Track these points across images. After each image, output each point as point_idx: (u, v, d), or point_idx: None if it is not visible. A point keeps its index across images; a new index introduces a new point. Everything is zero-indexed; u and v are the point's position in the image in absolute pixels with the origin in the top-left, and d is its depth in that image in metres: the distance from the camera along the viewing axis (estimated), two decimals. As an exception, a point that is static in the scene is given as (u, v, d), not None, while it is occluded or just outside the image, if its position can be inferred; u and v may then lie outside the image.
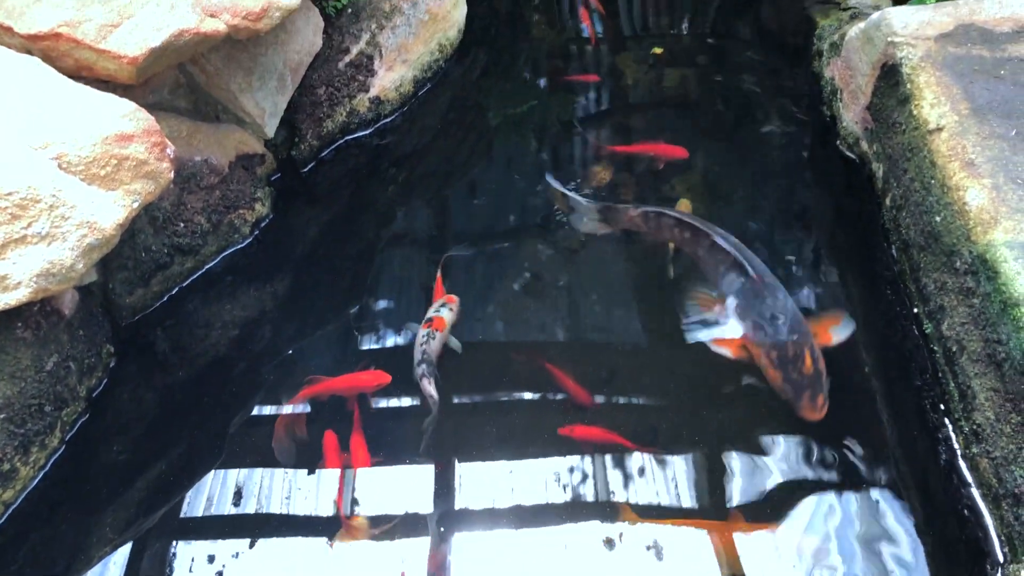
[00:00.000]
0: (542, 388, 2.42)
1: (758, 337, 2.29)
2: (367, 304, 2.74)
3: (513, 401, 2.45)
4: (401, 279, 2.83)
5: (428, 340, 2.39)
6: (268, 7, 2.38)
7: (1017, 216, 2.03)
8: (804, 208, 2.93)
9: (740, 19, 3.68)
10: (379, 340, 2.64)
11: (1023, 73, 2.33)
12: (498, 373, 2.48)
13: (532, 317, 2.63)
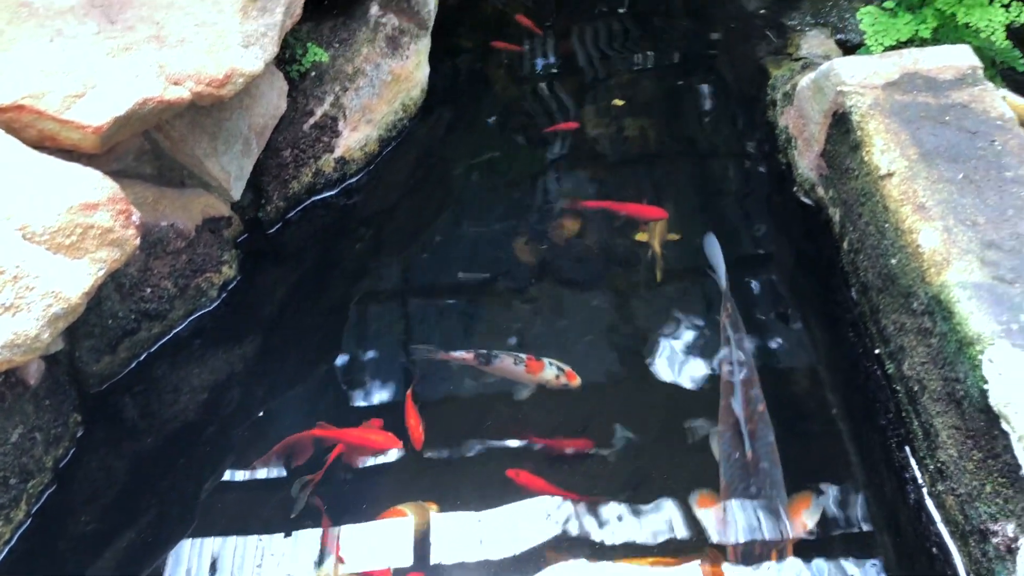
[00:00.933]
0: (514, 440, 2.45)
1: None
2: (337, 362, 2.74)
3: (484, 453, 2.46)
4: (371, 336, 2.84)
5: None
6: (231, 73, 2.41)
7: (968, 257, 2.09)
8: (766, 254, 2.99)
9: (697, 70, 3.76)
10: (351, 397, 2.65)
11: (966, 118, 2.41)
12: (472, 428, 2.50)
13: None
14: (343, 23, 3.08)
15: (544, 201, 3.25)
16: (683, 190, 3.23)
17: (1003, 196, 2.21)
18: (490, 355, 2.59)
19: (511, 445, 2.46)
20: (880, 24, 3.02)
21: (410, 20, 3.24)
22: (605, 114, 3.58)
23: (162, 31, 2.45)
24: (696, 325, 2.76)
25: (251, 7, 2.54)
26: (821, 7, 3.48)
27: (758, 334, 2.69)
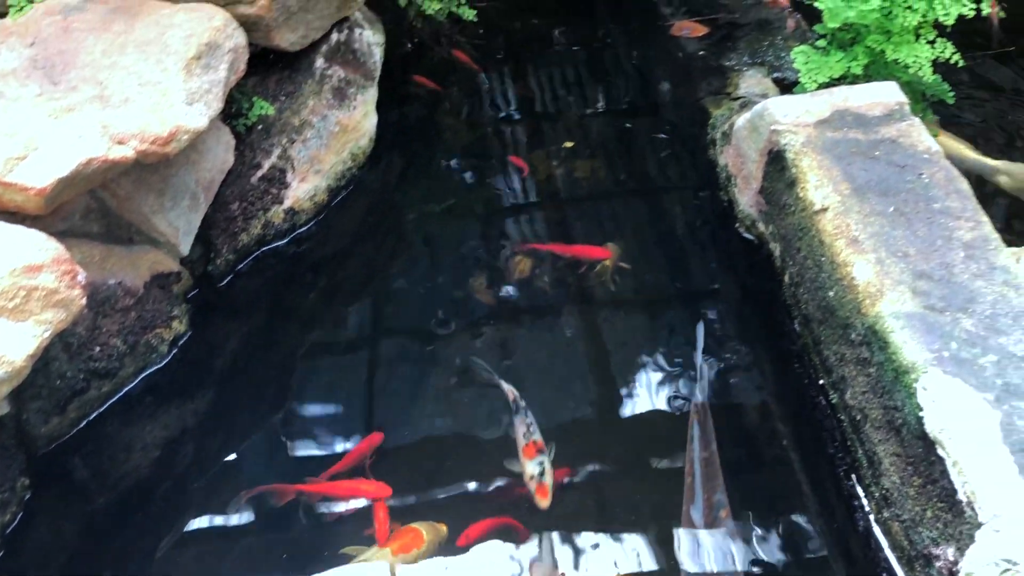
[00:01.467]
0: (480, 482, 2.48)
1: None
2: (293, 412, 2.74)
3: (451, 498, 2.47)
4: (327, 384, 2.85)
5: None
6: (176, 131, 2.43)
7: (900, 288, 2.15)
8: (713, 288, 3.05)
9: (643, 111, 3.85)
10: (308, 447, 2.65)
11: (895, 153, 2.50)
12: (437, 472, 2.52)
13: (469, 410, 2.70)
14: (289, 76, 3.11)
15: (499, 242, 3.29)
16: (632, 228, 3.29)
17: (931, 227, 2.29)
18: (521, 408, 2.58)
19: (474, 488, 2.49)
20: (813, 62, 3.11)
21: (356, 71, 3.29)
22: (556, 156, 3.65)
23: (105, 91, 2.47)
24: (655, 357, 2.81)
25: (195, 65, 2.57)
26: (758, 47, 3.59)
27: (709, 367, 2.75)
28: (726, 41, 3.65)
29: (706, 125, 3.33)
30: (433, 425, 2.68)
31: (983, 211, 2.34)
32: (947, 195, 2.37)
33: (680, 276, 3.09)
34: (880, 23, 3.06)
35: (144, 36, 2.64)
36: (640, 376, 2.76)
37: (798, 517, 2.38)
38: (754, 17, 3.77)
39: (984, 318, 2.08)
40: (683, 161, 3.52)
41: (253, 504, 2.43)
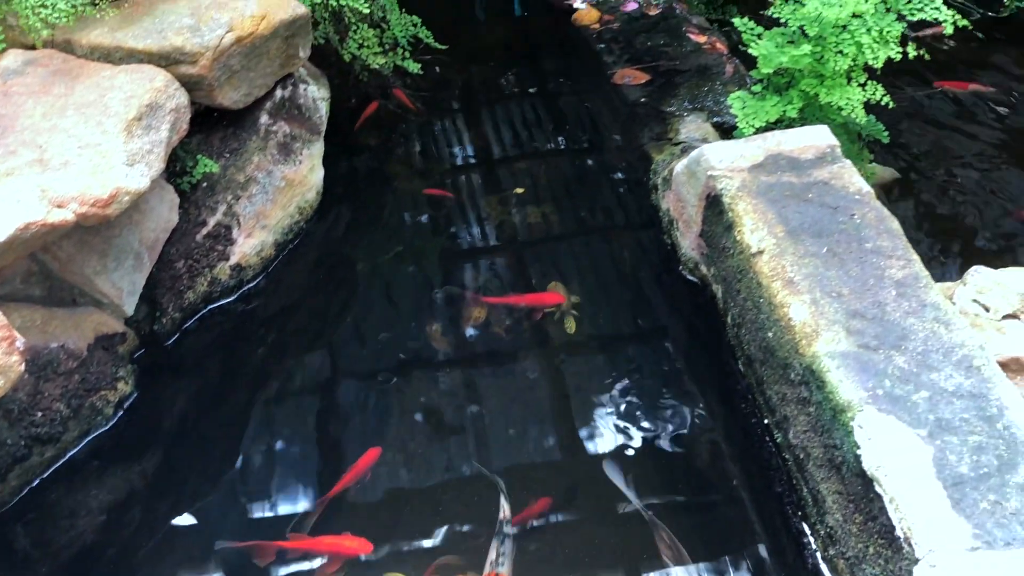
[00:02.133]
0: (440, 533, 2.49)
1: None
2: (246, 470, 2.72)
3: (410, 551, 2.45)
4: (279, 441, 2.83)
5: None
6: (116, 193, 2.43)
7: (835, 328, 2.20)
8: (660, 331, 3.09)
9: (589, 157, 3.91)
10: (262, 506, 2.62)
11: (827, 195, 2.57)
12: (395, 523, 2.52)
13: (426, 460, 2.71)
14: (233, 133, 3.13)
15: (454, 289, 3.31)
16: (583, 272, 3.33)
17: (864, 267, 2.35)
18: (505, 534, 2.50)
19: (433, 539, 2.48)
20: (749, 107, 3.19)
21: (301, 127, 3.31)
22: (507, 202, 3.69)
23: (45, 154, 2.47)
24: (612, 397, 2.84)
25: (135, 126, 2.58)
26: (698, 93, 3.67)
27: (660, 410, 2.78)
28: (667, 87, 3.73)
29: (649, 170, 3.39)
30: (391, 476, 2.67)
31: (913, 250, 2.40)
32: (878, 235, 2.43)
33: (629, 319, 3.12)
34: (813, 67, 3.15)
35: (84, 98, 2.65)
36: (599, 418, 2.79)
37: (749, 556, 2.40)
38: (694, 63, 3.86)
39: (916, 355, 2.13)
40: (628, 205, 3.57)
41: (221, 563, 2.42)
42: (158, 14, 2.92)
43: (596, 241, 3.51)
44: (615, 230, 3.54)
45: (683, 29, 4.08)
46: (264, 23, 2.96)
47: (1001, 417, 1.98)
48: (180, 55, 2.82)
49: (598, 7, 4.30)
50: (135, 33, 2.86)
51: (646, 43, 4.02)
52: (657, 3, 4.28)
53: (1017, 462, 1.89)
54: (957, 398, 2.02)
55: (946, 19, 2.97)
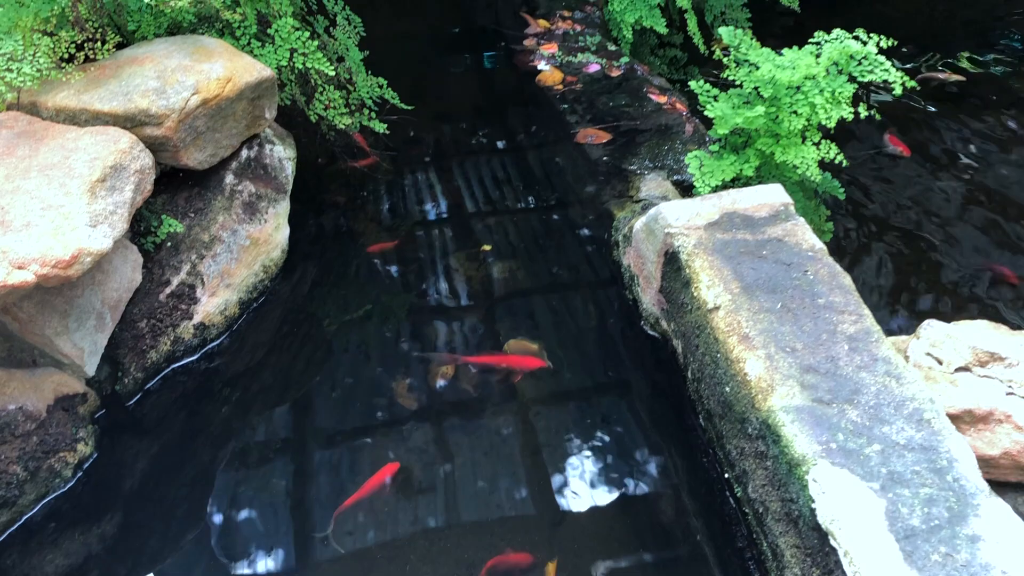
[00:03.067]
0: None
1: None
2: (209, 531, 2.69)
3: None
4: (242, 500, 2.80)
5: None
6: (79, 254, 2.44)
7: (790, 382, 2.24)
8: (624, 387, 3.11)
9: (553, 214, 3.97)
10: (226, 567, 2.59)
11: (781, 251, 2.63)
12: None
13: (395, 518, 2.69)
14: (198, 193, 3.15)
15: (420, 347, 3.32)
16: (547, 327, 3.36)
17: (817, 322, 2.40)
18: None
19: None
20: (707, 166, 3.28)
21: (267, 186, 3.35)
22: (475, 258, 3.72)
23: (6, 216, 2.48)
24: (575, 452, 2.85)
25: (99, 187, 2.60)
26: (658, 151, 3.75)
27: (624, 465, 2.79)
28: (628, 146, 3.81)
29: (611, 227, 3.45)
30: (359, 536, 2.66)
31: (864, 305, 2.46)
32: (831, 291, 2.48)
33: (593, 374, 3.15)
34: (768, 127, 3.25)
35: (48, 160, 2.67)
36: (562, 474, 2.79)
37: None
38: (655, 123, 3.95)
39: (869, 409, 2.17)
40: (592, 262, 3.62)
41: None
42: (124, 77, 2.96)
43: (561, 297, 3.54)
44: (579, 286, 3.59)
45: (644, 90, 4.19)
46: (230, 85, 3.01)
47: (951, 469, 2.01)
48: (146, 117, 2.86)
49: (561, 69, 4.40)
50: (101, 95, 2.90)
51: (608, 103, 4.12)
52: (618, 65, 4.39)
53: (967, 514, 1.92)
54: (908, 451, 2.06)
55: (895, 80, 3.08)
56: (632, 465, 2.82)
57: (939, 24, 5.74)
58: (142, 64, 3.02)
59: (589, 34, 4.69)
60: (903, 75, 3.07)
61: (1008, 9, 5.85)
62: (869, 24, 3.25)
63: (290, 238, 3.46)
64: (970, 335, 2.65)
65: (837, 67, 3.20)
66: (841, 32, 3.17)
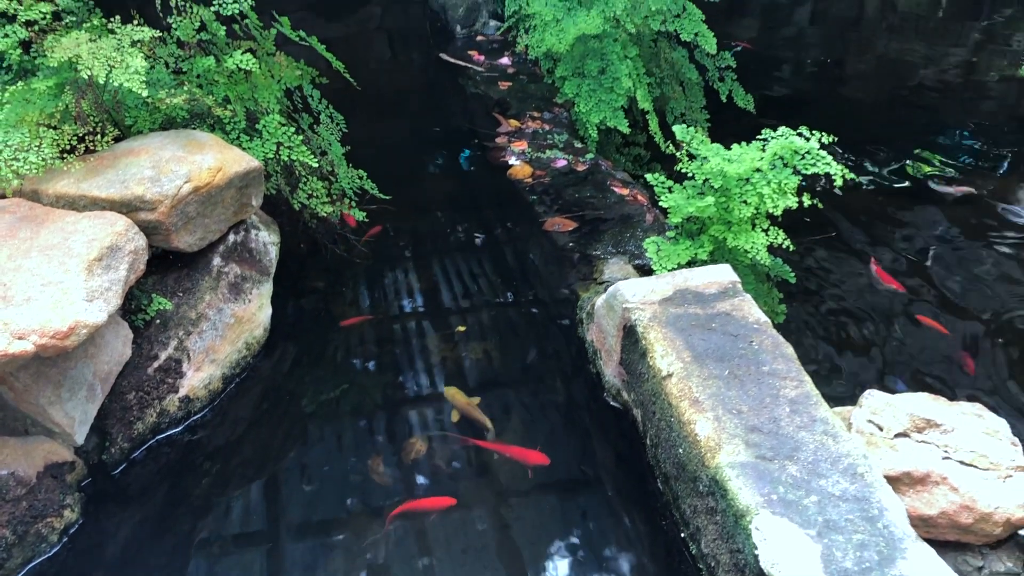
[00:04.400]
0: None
1: None
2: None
3: None
4: (220, 571, 2.90)
5: None
6: (75, 326, 2.62)
7: (735, 441, 2.42)
8: (588, 456, 3.27)
9: (523, 296, 4.19)
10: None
11: (729, 324, 2.85)
12: None
13: None
14: (187, 274, 3.35)
15: (395, 427, 3.46)
16: (517, 402, 3.53)
17: (761, 387, 2.60)
18: None
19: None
20: (664, 251, 3.52)
21: (252, 268, 3.55)
22: (450, 339, 3.91)
23: (8, 292, 2.66)
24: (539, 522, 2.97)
25: (96, 266, 2.79)
26: (621, 238, 4.00)
27: (586, 533, 2.93)
28: (593, 234, 4.07)
29: (576, 306, 3.67)
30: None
31: (805, 372, 2.67)
32: (774, 359, 2.69)
33: (559, 445, 3.30)
34: (721, 215, 3.51)
35: (49, 241, 2.87)
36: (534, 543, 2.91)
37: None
38: (618, 213, 4.22)
39: (807, 464, 2.35)
40: (559, 339, 3.83)
41: None
42: (121, 166, 3.19)
43: (531, 373, 3.73)
44: (547, 362, 3.78)
45: (608, 183, 4.48)
46: (220, 175, 3.24)
47: (881, 517, 2.19)
48: (140, 203, 3.07)
49: (531, 164, 4.69)
50: (99, 183, 3.12)
51: (574, 195, 4.39)
52: (584, 160, 4.69)
53: (895, 557, 2.09)
54: (843, 501, 2.24)
55: (836, 173, 3.36)
56: (594, 531, 2.94)
57: (896, 125, 6.15)
58: (138, 155, 3.26)
59: (557, 133, 5.00)
60: (843, 168, 3.35)
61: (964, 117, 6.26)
62: (824, 125, 3.55)
63: (272, 318, 3.65)
64: (909, 404, 2.86)
65: (783, 161, 3.49)
66: (786, 129, 3.47)
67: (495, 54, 5.90)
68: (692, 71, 5.48)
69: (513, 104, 5.33)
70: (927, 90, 6.59)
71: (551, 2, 5.06)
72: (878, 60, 7.12)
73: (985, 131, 6.00)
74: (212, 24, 3.65)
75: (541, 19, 5.09)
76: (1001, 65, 6.94)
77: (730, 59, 5.37)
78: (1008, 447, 2.74)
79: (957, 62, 6.96)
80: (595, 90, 5.00)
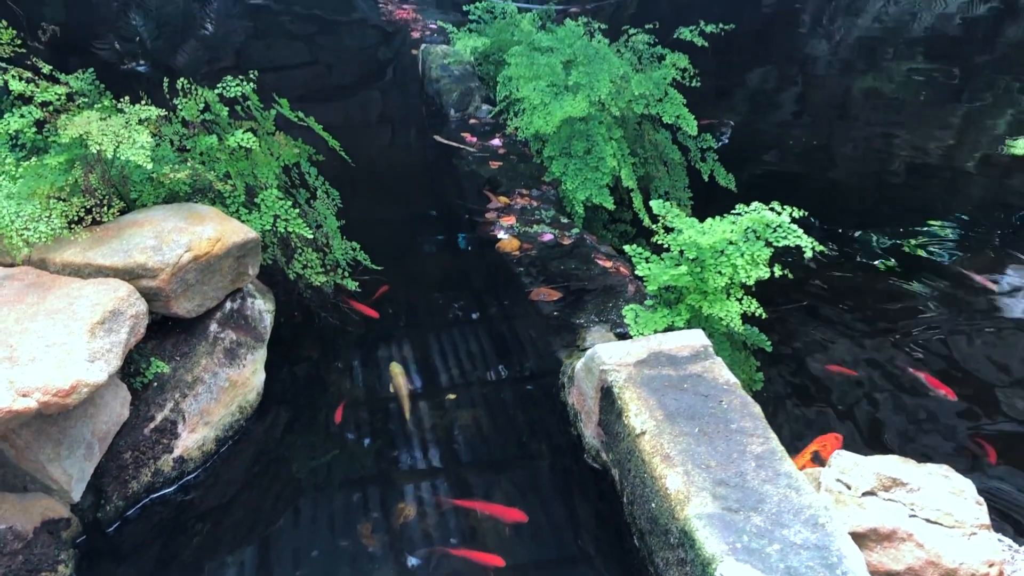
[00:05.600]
0: None
1: None
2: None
3: None
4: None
5: None
6: (77, 384, 2.75)
7: (703, 493, 2.54)
8: (570, 517, 3.36)
9: (511, 363, 4.32)
10: None
11: (700, 385, 2.99)
12: None
13: None
14: (184, 339, 3.50)
15: (385, 492, 3.56)
16: (503, 467, 3.64)
17: (729, 443, 2.72)
18: None
19: None
20: (642, 318, 3.68)
21: (247, 335, 3.70)
22: (441, 407, 4.04)
23: (15, 352, 2.80)
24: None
25: (99, 328, 2.94)
26: (603, 308, 4.17)
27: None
28: (577, 304, 4.23)
29: (559, 372, 3.80)
30: None
31: (771, 430, 2.80)
32: (742, 417, 2.83)
33: (541, 505, 3.40)
34: (697, 285, 3.68)
35: (55, 306, 3.03)
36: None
37: None
38: (601, 284, 4.39)
39: (771, 515, 2.46)
40: (543, 404, 3.95)
41: None
42: (125, 236, 3.37)
43: (517, 437, 3.85)
44: (532, 425, 3.89)
45: (592, 256, 4.66)
46: (219, 245, 3.42)
47: (840, 564, 2.29)
48: (143, 270, 3.24)
49: (518, 237, 4.88)
50: (103, 252, 3.29)
51: (560, 267, 4.58)
52: (570, 235, 4.89)
53: (852, 600, 2.19)
54: (804, 549, 2.34)
55: (805, 245, 3.54)
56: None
57: (883, 205, 6.36)
58: (141, 226, 3.44)
59: (545, 209, 5.22)
60: (812, 240, 3.53)
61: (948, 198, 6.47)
62: (809, 204, 3.74)
63: (265, 383, 3.78)
64: (876, 464, 2.98)
65: (755, 233, 3.68)
66: (759, 204, 3.67)
67: (487, 136, 6.16)
68: (675, 151, 5.72)
69: (503, 182, 5.56)
70: (911, 172, 6.83)
71: (539, 87, 5.33)
72: (864, 142, 7.39)
73: (969, 211, 6.21)
74: (216, 105, 3.88)
75: (530, 103, 5.35)
76: (983, 146, 7.22)
77: (711, 141, 5.61)
78: (973, 506, 2.85)
79: (940, 145, 7.23)
80: (581, 169, 5.23)
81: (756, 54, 9.43)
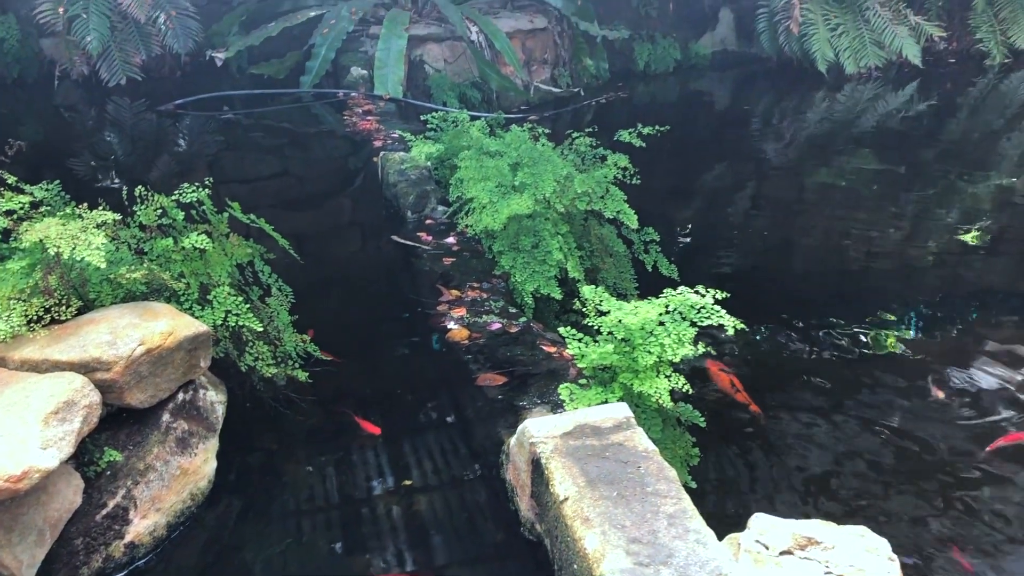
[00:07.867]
0: None
1: None
2: None
3: None
4: None
5: None
6: (28, 470, 2.91)
7: (618, 551, 2.71)
8: (509, 590, 3.50)
9: (459, 444, 4.48)
10: None
11: (621, 453, 3.18)
12: None
13: None
14: (138, 429, 3.66)
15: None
16: (442, 544, 3.76)
17: (644, 505, 2.90)
18: None
19: None
20: (576, 396, 3.88)
21: (199, 424, 3.87)
22: (396, 492, 4.18)
23: (-30, 442, 2.97)
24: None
25: (52, 418, 3.11)
26: (546, 390, 4.36)
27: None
28: (521, 387, 4.43)
29: (500, 451, 3.98)
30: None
31: (684, 491, 2.98)
32: (658, 481, 3.01)
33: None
34: (628, 364, 3.90)
35: (11, 399, 3.20)
36: None
37: None
38: (544, 368, 4.60)
39: (680, 567, 2.63)
40: (485, 483, 4.11)
41: None
42: (82, 333, 3.57)
43: (459, 516, 3.99)
44: (475, 503, 4.04)
45: (537, 343, 4.88)
46: (171, 338, 3.62)
47: (740, 609, 2.45)
48: (98, 364, 3.43)
49: (468, 327, 5.10)
50: (61, 348, 3.49)
51: (506, 353, 4.78)
52: (517, 323, 5.12)
53: (749, 641, 2.34)
54: (708, 597, 2.50)
55: (728, 324, 3.79)
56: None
57: (841, 294, 6.62)
58: (98, 324, 3.64)
59: (494, 300, 5.46)
60: (735, 320, 3.78)
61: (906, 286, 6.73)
62: (765, 295, 3.99)
63: (217, 472, 3.92)
64: (793, 525, 3.16)
65: (681, 315, 3.93)
66: (685, 288, 3.93)
67: (442, 235, 6.44)
68: (620, 244, 6.03)
69: (456, 276, 5.81)
70: (869, 260, 7.11)
71: (487, 187, 5.65)
72: (822, 235, 7.68)
73: (927, 299, 6.47)
74: (172, 210, 4.15)
75: (479, 202, 5.66)
76: (935, 235, 7.53)
77: (653, 234, 5.91)
78: (885, 562, 3.03)
79: (895, 235, 7.53)
80: (529, 262, 5.50)
81: (710, 154, 9.89)
